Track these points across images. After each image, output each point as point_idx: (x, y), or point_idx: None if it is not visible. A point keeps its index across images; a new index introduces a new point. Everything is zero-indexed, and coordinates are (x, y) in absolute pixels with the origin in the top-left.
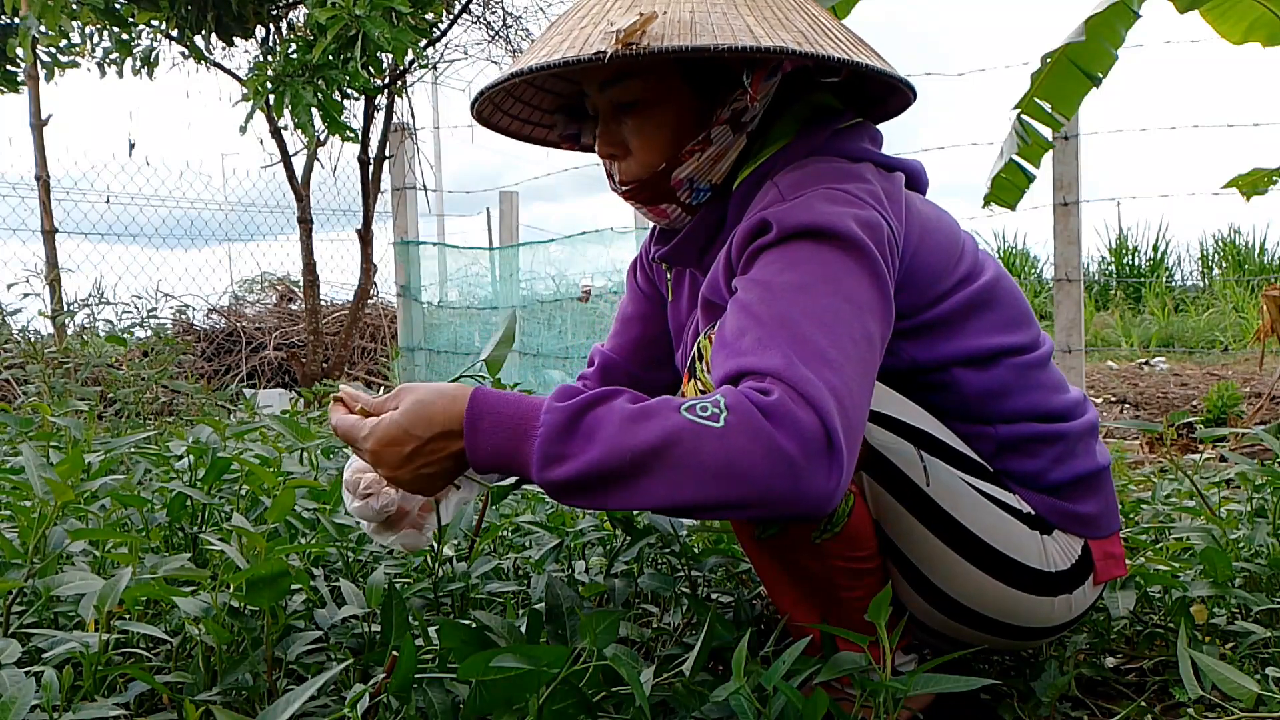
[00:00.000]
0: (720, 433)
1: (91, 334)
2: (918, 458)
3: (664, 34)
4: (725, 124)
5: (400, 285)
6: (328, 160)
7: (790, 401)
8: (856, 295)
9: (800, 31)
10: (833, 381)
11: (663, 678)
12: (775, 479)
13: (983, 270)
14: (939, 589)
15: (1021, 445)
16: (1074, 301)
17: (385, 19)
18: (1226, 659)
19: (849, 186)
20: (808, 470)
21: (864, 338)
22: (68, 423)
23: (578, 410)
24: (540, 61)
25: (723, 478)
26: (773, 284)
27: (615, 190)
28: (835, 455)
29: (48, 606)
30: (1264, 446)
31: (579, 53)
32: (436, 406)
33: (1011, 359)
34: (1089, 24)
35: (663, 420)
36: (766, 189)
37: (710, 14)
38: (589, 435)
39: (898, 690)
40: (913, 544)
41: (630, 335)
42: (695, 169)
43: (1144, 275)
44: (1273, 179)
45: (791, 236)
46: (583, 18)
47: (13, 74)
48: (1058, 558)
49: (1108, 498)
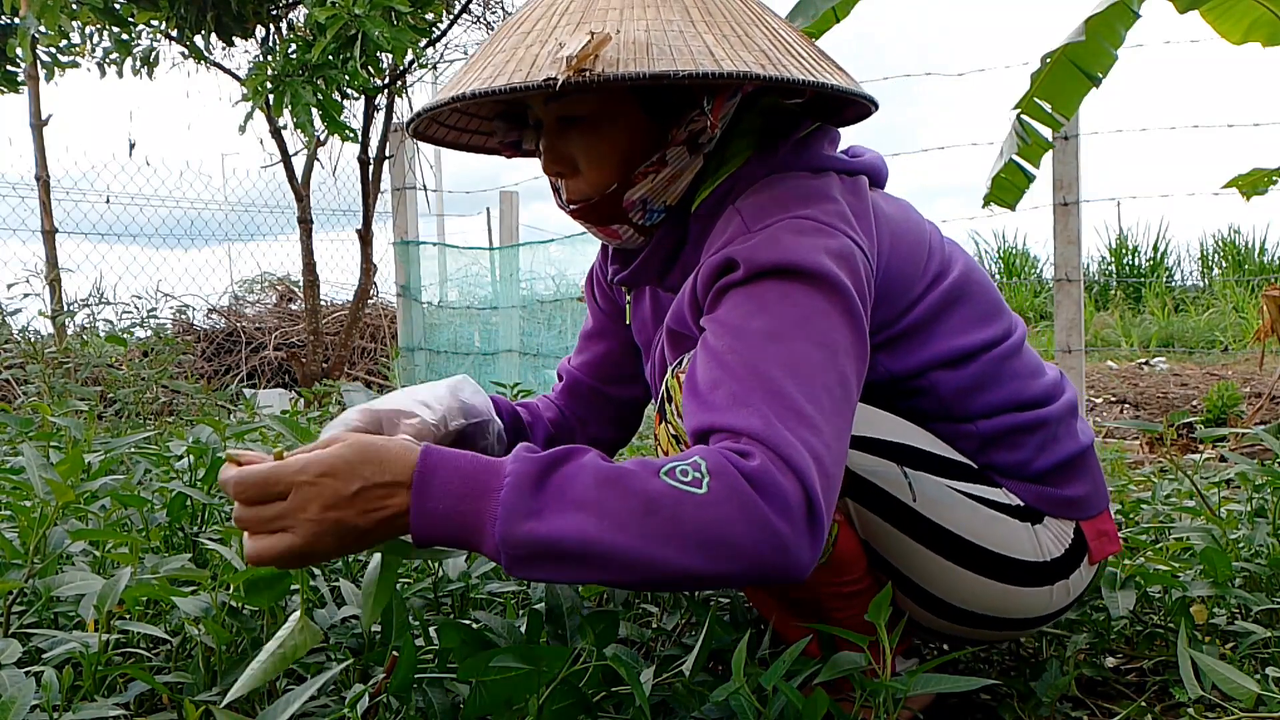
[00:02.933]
0: (702, 500)
1: (91, 334)
2: (901, 475)
3: (619, 58)
4: (682, 145)
5: (400, 285)
6: (328, 160)
7: (772, 467)
8: (830, 338)
9: (762, 51)
10: (811, 442)
11: (663, 678)
12: (761, 552)
13: (951, 264)
14: (937, 598)
15: (1004, 438)
16: (1074, 301)
17: (385, 19)
18: (1226, 659)
19: (816, 212)
20: (794, 543)
21: (839, 385)
22: (68, 423)
23: (546, 465)
24: (485, 86)
25: (706, 548)
26: (743, 330)
27: (561, 208)
28: (817, 524)
29: (48, 606)
30: (1264, 446)
31: (526, 77)
32: (390, 450)
33: (987, 353)
34: (1089, 24)
35: (641, 483)
36: (729, 215)
37: (666, 33)
38: (561, 494)
39: (897, 690)
40: (906, 560)
41: (595, 352)
42: (649, 190)
43: (1144, 275)
44: (1273, 179)
45: (759, 276)
46: (526, 34)
47: (13, 74)
48: (1051, 545)
49: (1094, 477)
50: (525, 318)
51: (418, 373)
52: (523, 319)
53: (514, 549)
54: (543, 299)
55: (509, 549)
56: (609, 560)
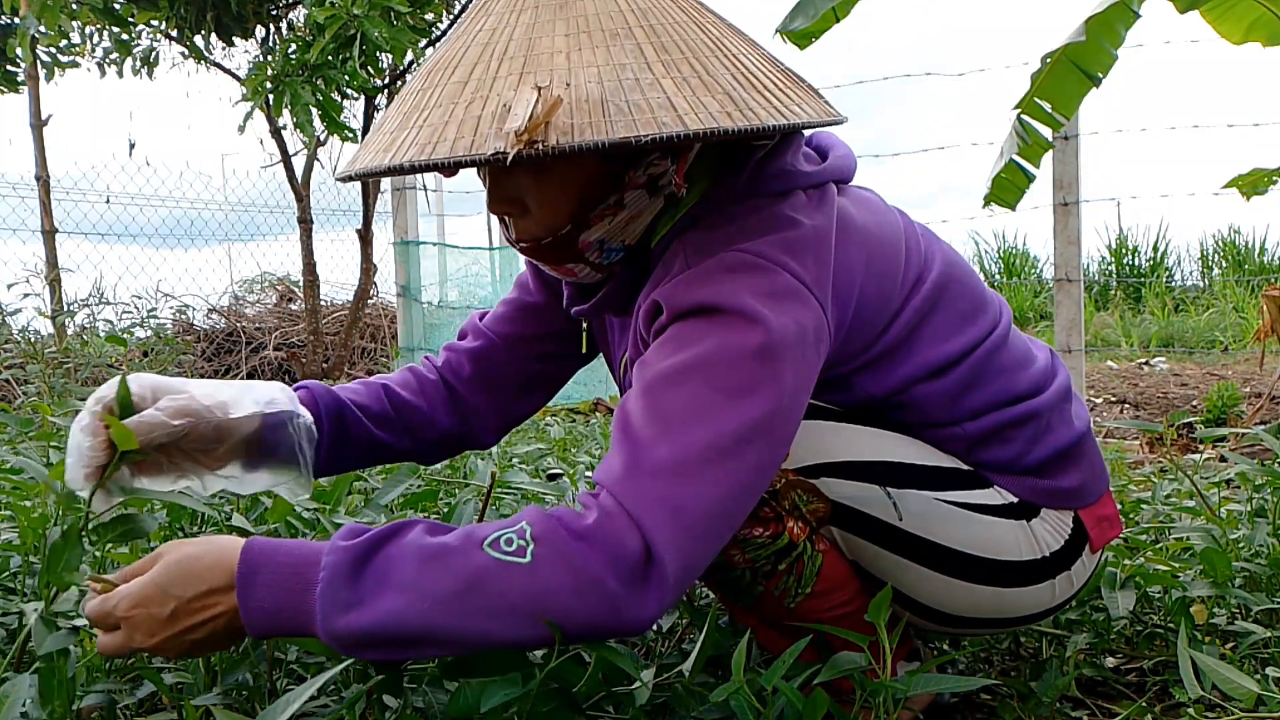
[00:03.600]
0: (527, 569)
1: (91, 334)
2: (885, 497)
3: (573, 124)
4: (641, 188)
5: (400, 285)
6: (328, 160)
7: (609, 521)
8: (733, 382)
9: (725, 93)
10: (669, 494)
11: (663, 678)
12: (590, 611)
13: (930, 262)
14: (936, 610)
15: (994, 435)
16: (1074, 301)
17: (384, 19)
18: (1226, 659)
19: (759, 245)
20: (624, 598)
21: (734, 433)
22: (68, 423)
23: (365, 550)
24: (424, 158)
25: (532, 618)
26: (648, 374)
27: (511, 244)
28: (656, 577)
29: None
30: (1264, 446)
31: (470, 147)
32: (203, 561)
33: (970, 356)
34: (1089, 24)
35: (463, 559)
36: (675, 250)
37: (621, 82)
38: (381, 580)
39: (897, 691)
40: (899, 578)
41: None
42: (606, 232)
43: (1144, 275)
44: (1273, 179)
45: (679, 317)
46: (463, 84)
47: (13, 74)
48: (1049, 539)
49: (1091, 462)
50: None
51: None
52: None
53: (339, 641)
54: None
55: (335, 642)
56: (436, 640)
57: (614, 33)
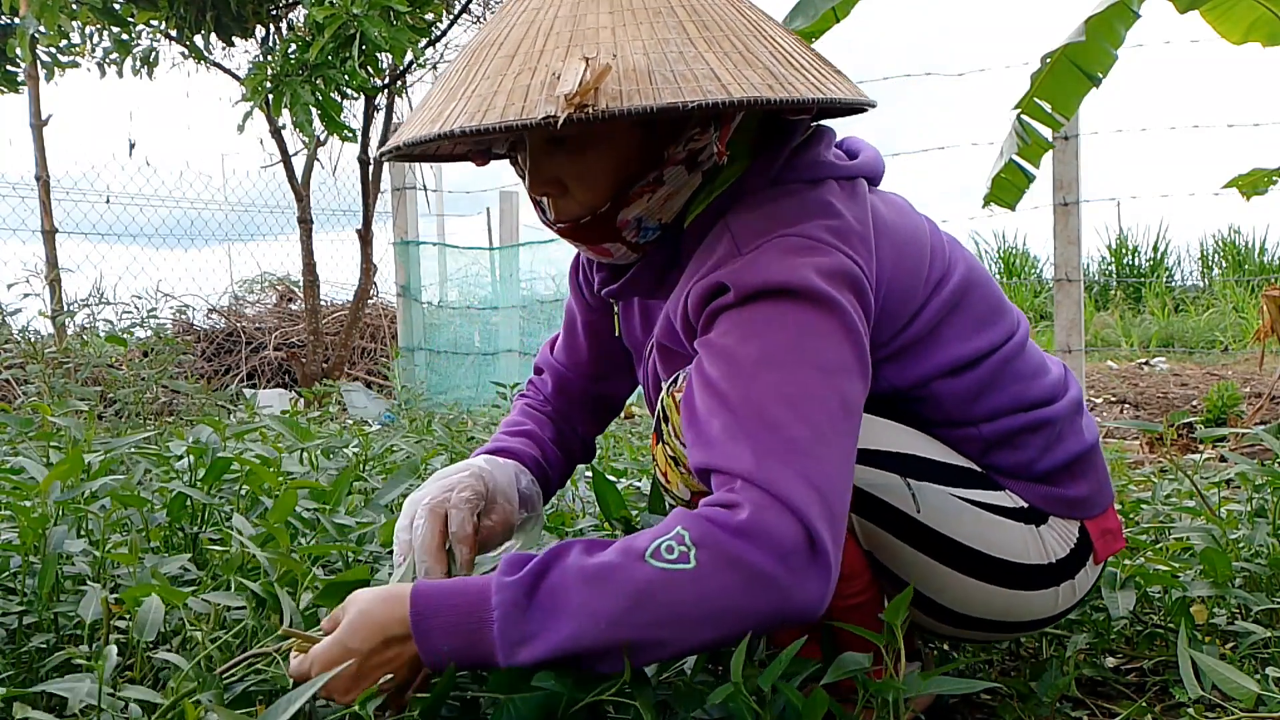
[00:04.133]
0: (694, 575)
1: (91, 334)
2: (905, 487)
3: (620, 90)
4: (680, 164)
5: (400, 285)
6: (327, 160)
7: (763, 512)
8: (827, 358)
9: (766, 68)
10: (810, 473)
11: (663, 677)
12: (762, 604)
13: (953, 266)
14: (944, 607)
15: (1008, 439)
16: (1074, 301)
17: (383, 18)
18: (1226, 659)
19: (810, 229)
20: (795, 585)
21: (841, 408)
22: (68, 423)
23: (531, 583)
24: (475, 124)
25: (708, 621)
26: (736, 357)
27: (548, 225)
28: (820, 556)
29: (48, 607)
30: (1264, 446)
31: (521, 113)
32: (376, 614)
33: (989, 358)
34: (1089, 24)
35: (627, 575)
36: (720, 232)
37: (666, 54)
38: (551, 608)
39: (900, 692)
40: (911, 570)
41: (581, 348)
42: (645, 210)
43: (1144, 275)
44: (1273, 179)
45: (750, 298)
46: (510, 58)
47: (13, 74)
48: (1056, 546)
49: (1099, 474)
50: (525, 318)
51: (418, 373)
52: (523, 319)
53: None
54: (543, 299)
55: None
56: (616, 654)
57: (656, 11)
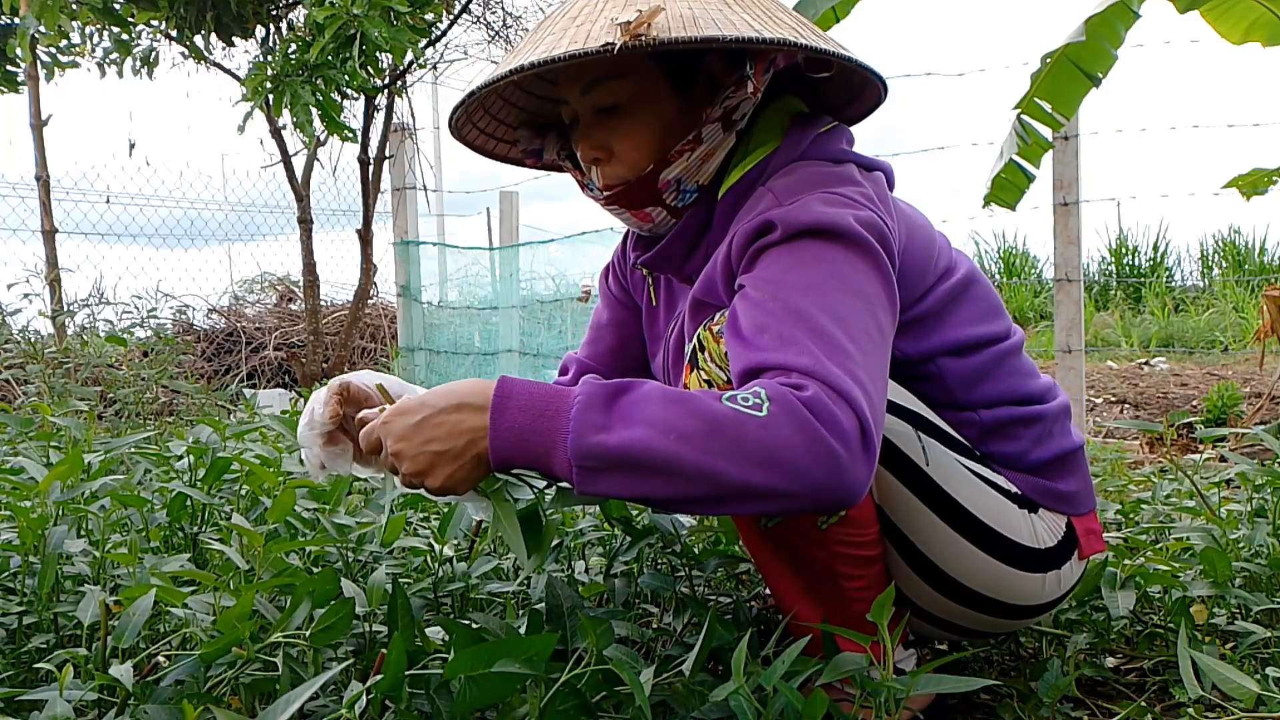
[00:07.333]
0: (764, 422)
1: (91, 334)
2: (916, 438)
3: (669, 26)
4: (716, 122)
5: (400, 285)
6: (328, 160)
7: (827, 398)
8: (865, 290)
9: (791, 28)
10: (859, 375)
11: (663, 677)
12: (819, 471)
13: (958, 265)
14: (938, 568)
15: (1003, 428)
16: (1074, 301)
17: (383, 19)
18: (1226, 659)
19: (844, 190)
20: (850, 464)
21: (877, 330)
22: (68, 423)
23: (615, 389)
24: (541, 56)
25: (767, 465)
26: (783, 281)
27: (594, 197)
28: (870, 449)
29: (48, 608)
30: (1264, 446)
31: (583, 47)
32: (459, 385)
33: (991, 347)
34: (1089, 24)
35: (706, 405)
36: (760, 194)
37: (708, 9)
38: (629, 413)
39: (898, 690)
40: (913, 523)
41: (605, 343)
42: (684, 169)
43: (1144, 275)
44: (1273, 179)
45: (797, 235)
46: (575, 17)
47: (13, 74)
48: (1045, 535)
49: (1085, 476)
50: (525, 318)
51: (418, 373)
52: (523, 319)
53: (584, 460)
54: (543, 299)
55: (579, 460)
56: (674, 471)
57: None
